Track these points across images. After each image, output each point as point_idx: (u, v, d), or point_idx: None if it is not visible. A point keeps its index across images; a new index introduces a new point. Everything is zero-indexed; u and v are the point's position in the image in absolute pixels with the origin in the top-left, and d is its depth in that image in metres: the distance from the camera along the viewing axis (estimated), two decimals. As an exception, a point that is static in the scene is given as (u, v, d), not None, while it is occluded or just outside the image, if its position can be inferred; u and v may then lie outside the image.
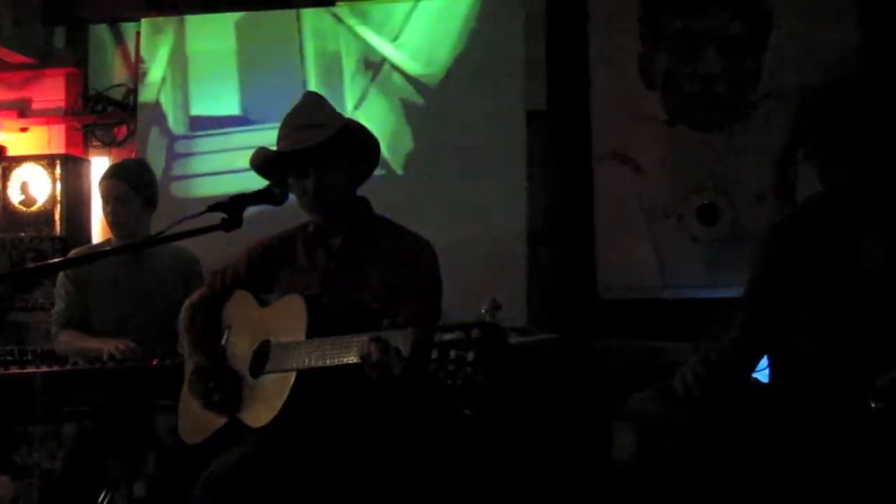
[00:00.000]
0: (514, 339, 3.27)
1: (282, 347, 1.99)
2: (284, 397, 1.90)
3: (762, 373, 2.10)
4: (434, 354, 1.58)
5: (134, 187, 2.95)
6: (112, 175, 2.98)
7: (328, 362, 1.84)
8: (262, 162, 2.15)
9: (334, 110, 2.19)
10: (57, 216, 4.37)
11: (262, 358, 2.05)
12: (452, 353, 1.56)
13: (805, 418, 1.77)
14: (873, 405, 1.64)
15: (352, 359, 1.77)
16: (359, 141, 2.15)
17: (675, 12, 3.80)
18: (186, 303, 2.35)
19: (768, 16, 3.69)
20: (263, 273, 2.24)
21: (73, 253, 3.10)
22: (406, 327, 1.74)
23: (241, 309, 2.24)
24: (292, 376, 1.91)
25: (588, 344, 3.58)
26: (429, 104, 3.96)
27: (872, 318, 1.79)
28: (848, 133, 1.80)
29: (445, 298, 2.17)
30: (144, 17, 4.54)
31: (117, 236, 2.95)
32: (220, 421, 2.08)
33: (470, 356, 1.54)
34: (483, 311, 3.33)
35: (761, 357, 2.05)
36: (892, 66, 3.45)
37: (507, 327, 3.34)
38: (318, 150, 2.05)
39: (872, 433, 1.66)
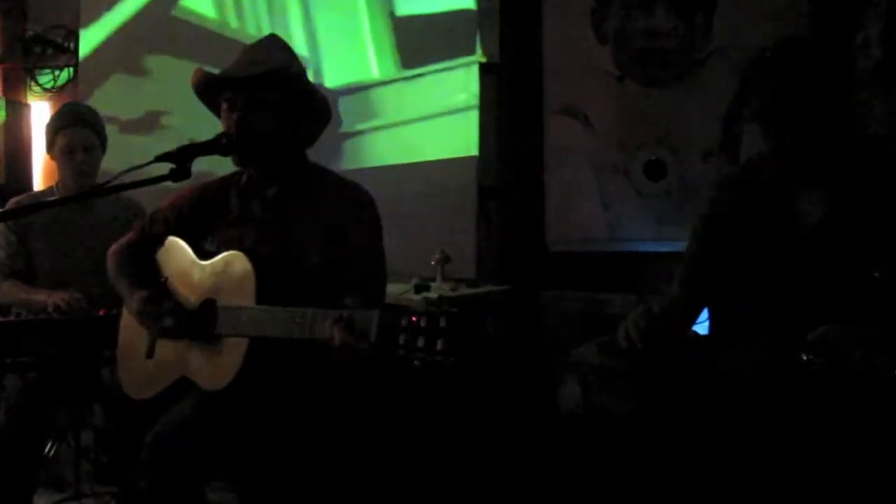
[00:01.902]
0: (462, 291, 3.35)
1: (231, 310, 1.95)
2: (239, 363, 1.87)
3: (702, 325, 2.17)
4: (401, 339, 1.59)
5: (99, 135, 2.90)
6: (79, 123, 2.87)
7: (288, 334, 1.80)
8: (202, 85, 2.06)
9: (290, 56, 2.10)
10: (-4, 163, 4.25)
11: (207, 317, 2.00)
12: (421, 341, 1.57)
13: (740, 370, 1.84)
14: (805, 358, 1.72)
15: (314, 334, 1.74)
16: (300, 91, 2.05)
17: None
18: (114, 247, 2.27)
19: (719, -28, 3.71)
20: (195, 221, 2.17)
21: (14, 200, 3.00)
22: (370, 308, 1.70)
23: (177, 260, 2.16)
24: (245, 342, 1.88)
25: (537, 296, 3.64)
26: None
27: (807, 276, 1.86)
28: (791, 94, 1.85)
29: (397, 251, 2.15)
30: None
31: (79, 185, 2.86)
32: (171, 377, 2.05)
33: (439, 345, 1.55)
34: (433, 263, 3.39)
35: (701, 311, 2.12)
36: (838, 27, 3.51)
37: (455, 279, 3.43)
38: (248, 84, 1.97)
39: (804, 384, 1.74)
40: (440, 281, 3.36)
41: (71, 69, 4.48)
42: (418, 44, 3.92)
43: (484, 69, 3.84)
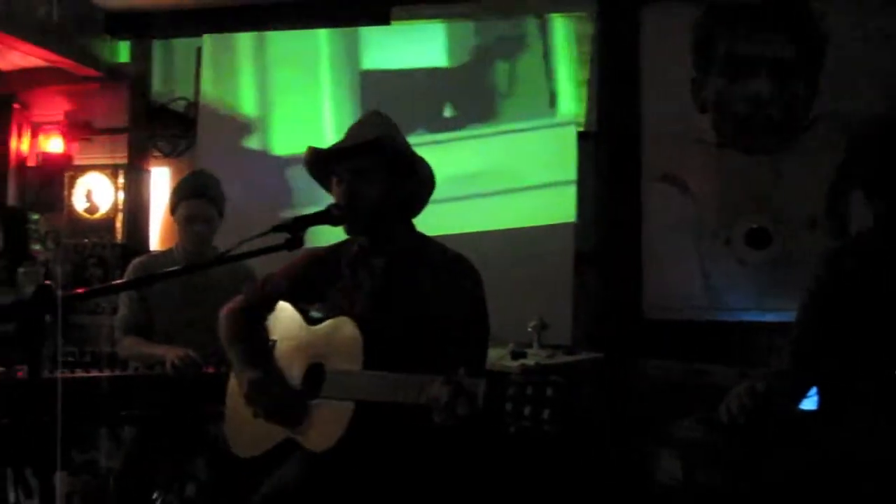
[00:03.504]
0: (559, 358, 3.33)
1: (338, 374, 2.00)
2: (344, 426, 1.91)
3: (811, 400, 2.10)
4: (508, 407, 1.61)
5: (218, 207, 3.08)
6: (200, 195, 3.05)
7: (392, 398, 1.84)
8: (311, 161, 2.15)
9: (392, 127, 2.16)
10: (118, 223, 4.55)
11: (314, 380, 2.06)
12: (527, 410, 1.59)
13: (852, 448, 1.77)
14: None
15: (420, 399, 1.78)
16: (404, 159, 2.10)
17: (727, 35, 3.81)
18: (226, 308, 2.34)
19: (824, 39, 3.67)
20: (306, 287, 2.23)
21: (137, 260, 3.20)
22: (477, 375, 1.73)
23: (287, 325, 2.23)
24: (351, 406, 1.92)
25: (632, 364, 3.59)
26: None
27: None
28: (890, 168, 1.82)
29: (493, 316, 2.17)
30: (206, 33, 4.69)
31: (193, 252, 3.05)
32: (276, 438, 2.10)
33: (546, 414, 1.57)
34: (529, 328, 3.39)
35: (810, 388, 2.05)
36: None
37: (552, 345, 3.42)
38: (354, 154, 2.05)
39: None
40: (537, 347, 3.35)
41: (189, 138, 4.78)
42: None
43: (582, 136, 3.89)
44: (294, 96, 4.44)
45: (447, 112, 4.22)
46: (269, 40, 4.54)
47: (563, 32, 4.05)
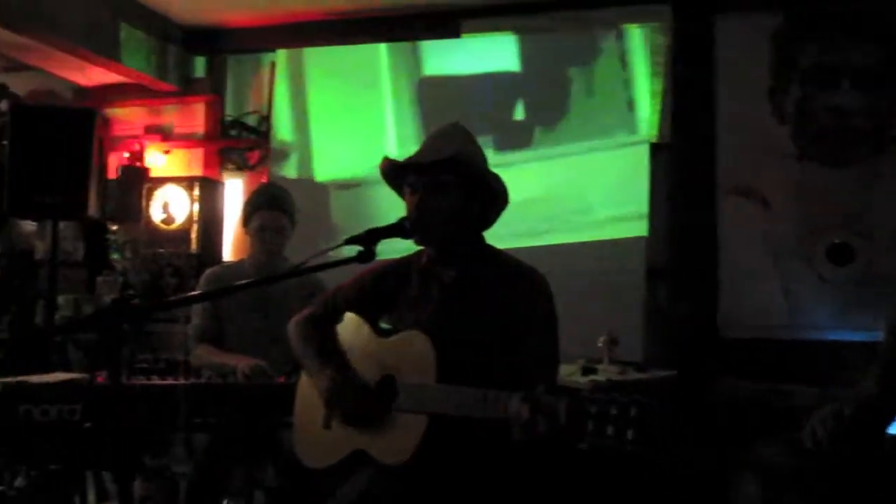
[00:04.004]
0: (630, 375, 3.26)
1: (411, 387, 1.99)
2: (418, 440, 1.90)
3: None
4: (590, 426, 1.58)
5: (290, 218, 3.12)
6: (273, 206, 3.10)
7: (468, 413, 1.82)
8: (386, 171, 2.15)
9: (470, 142, 2.16)
10: (193, 234, 4.65)
11: (386, 393, 2.05)
12: (610, 429, 1.56)
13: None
14: None
15: (497, 414, 1.75)
16: (479, 175, 2.09)
17: (808, 43, 3.69)
18: (296, 318, 2.34)
19: (912, 45, 3.53)
20: (376, 298, 2.23)
21: (210, 271, 3.26)
22: (559, 395, 1.70)
23: (356, 336, 2.22)
24: (425, 419, 1.91)
25: (707, 383, 3.49)
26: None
27: None
28: None
29: (562, 330, 2.14)
30: (280, 48, 4.79)
31: (265, 262, 3.09)
32: (346, 450, 2.09)
33: (629, 434, 1.53)
34: (599, 344, 3.33)
35: (899, 411, 1.95)
36: None
37: (622, 361, 3.35)
38: (431, 170, 2.05)
39: None
40: (607, 363, 3.29)
41: (262, 150, 4.87)
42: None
43: (655, 148, 3.81)
44: (356, 101, 4.52)
45: (518, 115, 4.20)
46: (328, 54, 4.64)
47: (638, 43, 3.99)
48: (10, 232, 5.07)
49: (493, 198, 2.13)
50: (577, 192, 3.93)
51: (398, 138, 4.41)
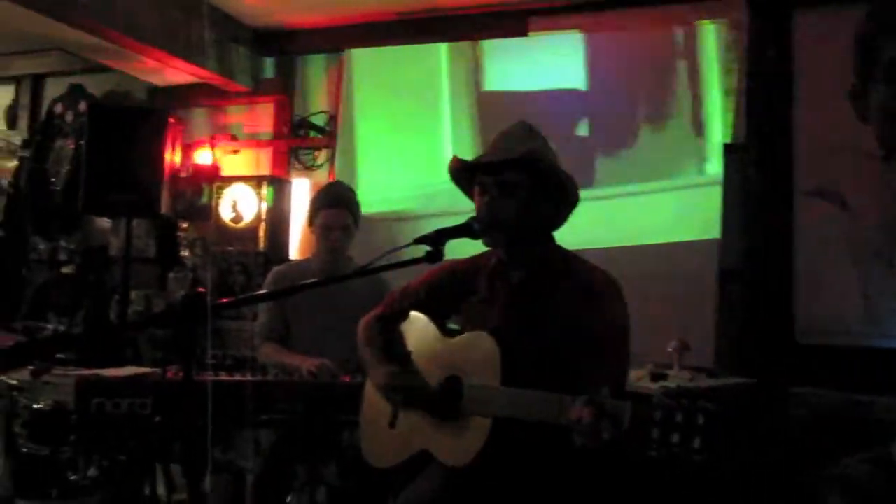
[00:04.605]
0: (701, 382, 3.16)
1: (476, 389, 1.98)
2: (482, 442, 1.89)
3: None
4: (654, 433, 1.54)
5: (354, 216, 3.13)
6: (338, 204, 3.12)
7: (532, 416, 1.81)
8: (455, 171, 2.14)
9: (540, 141, 2.12)
10: (261, 233, 4.71)
11: (451, 393, 2.04)
12: (675, 437, 1.51)
13: None
14: None
15: (560, 419, 1.73)
16: (549, 175, 2.06)
17: (892, 38, 3.53)
18: (365, 319, 2.37)
19: None
20: (443, 298, 2.23)
21: (276, 269, 3.30)
22: (620, 397, 1.68)
23: (422, 336, 2.23)
24: (489, 421, 1.90)
25: (783, 392, 3.36)
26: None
27: None
28: None
29: (631, 334, 2.09)
30: (348, 48, 4.82)
31: (330, 261, 3.11)
32: (410, 450, 2.10)
33: (696, 443, 1.49)
34: (669, 349, 3.25)
35: None
36: None
37: (693, 367, 3.26)
38: (501, 170, 2.02)
39: None
40: (677, 369, 3.20)
41: (329, 149, 4.91)
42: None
43: (728, 148, 3.70)
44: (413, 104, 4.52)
45: (581, 131, 4.14)
46: (382, 64, 4.67)
47: (711, 40, 3.88)
48: (86, 229, 5.24)
49: (565, 198, 2.09)
50: (644, 196, 3.85)
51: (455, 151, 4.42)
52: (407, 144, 4.56)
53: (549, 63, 4.19)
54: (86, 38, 4.40)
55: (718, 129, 3.81)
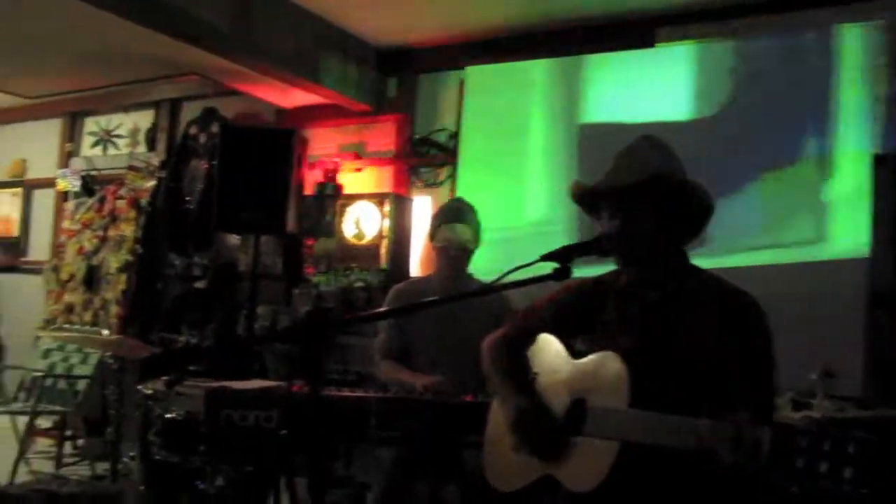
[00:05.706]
0: (849, 412, 2.93)
1: (602, 412, 1.90)
2: (607, 468, 1.81)
3: None
4: (799, 462, 1.42)
5: (474, 232, 3.13)
6: (459, 220, 3.12)
7: (661, 441, 1.72)
8: (577, 196, 2.08)
9: (667, 156, 2.02)
10: (383, 250, 4.76)
11: (577, 417, 1.97)
12: (823, 466, 1.39)
13: None
14: None
15: (691, 444, 1.64)
16: (680, 191, 1.97)
17: None
18: (489, 339, 2.32)
19: None
20: (570, 319, 2.16)
21: (397, 287, 3.30)
22: (763, 424, 1.57)
23: (548, 357, 2.17)
24: (616, 446, 1.82)
25: (944, 426, 3.06)
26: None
27: None
28: None
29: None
30: (469, 65, 4.82)
31: (450, 278, 3.10)
32: (535, 474, 2.03)
33: (847, 473, 1.36)
34: (813, 377, 3.03)
35: None
36: None
37: (839, 396, 3.02)
38: (625, 193, 1.94)
39: None
40: (821, 398, 2.98)
41: (450, 167, 4.92)
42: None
43: (877, 160, 3.44)
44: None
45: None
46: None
47: (854, 44, 3.63)
48: (217, 246, 5.45)
49: (697, 212, 1.99)
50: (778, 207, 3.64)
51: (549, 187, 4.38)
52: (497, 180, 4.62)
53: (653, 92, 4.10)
54: (222, 63, 4.60)
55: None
